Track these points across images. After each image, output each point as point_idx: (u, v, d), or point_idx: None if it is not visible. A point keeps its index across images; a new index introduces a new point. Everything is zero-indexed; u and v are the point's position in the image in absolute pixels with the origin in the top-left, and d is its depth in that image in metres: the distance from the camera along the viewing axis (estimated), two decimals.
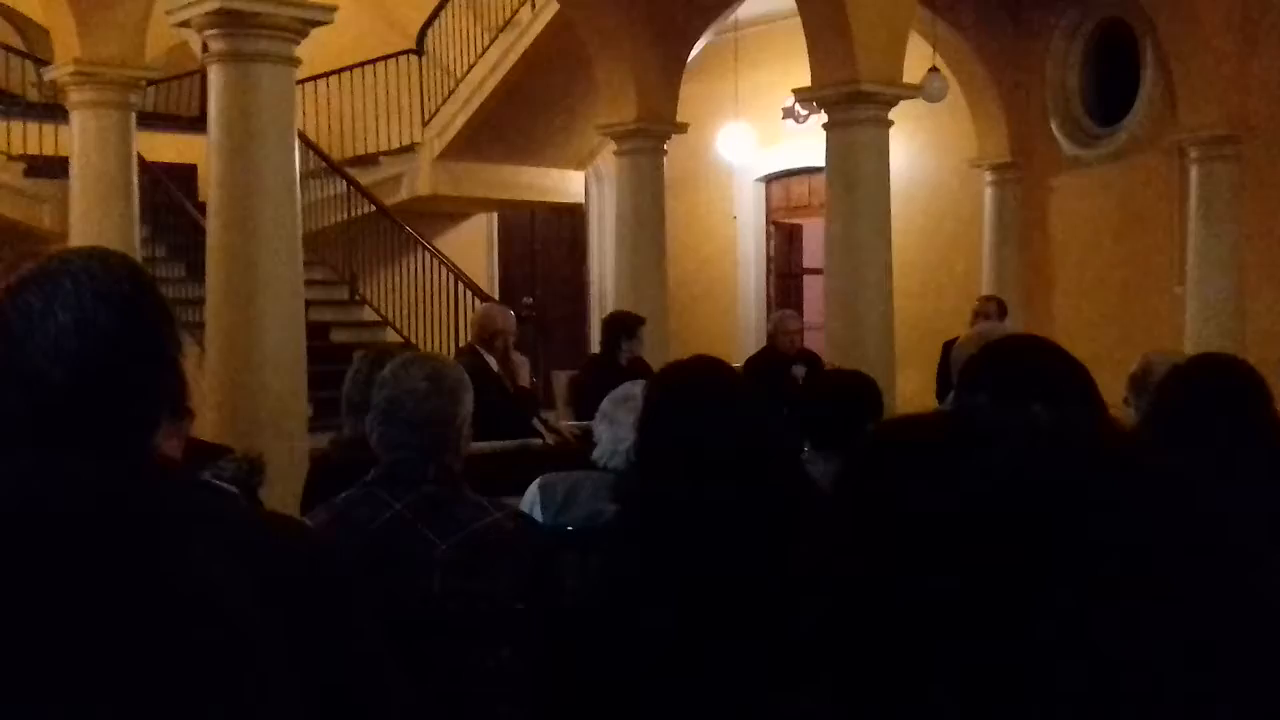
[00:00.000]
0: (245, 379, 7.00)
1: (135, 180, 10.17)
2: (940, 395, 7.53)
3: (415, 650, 2.41)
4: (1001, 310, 9.39)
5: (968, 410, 0.71)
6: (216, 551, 1.42)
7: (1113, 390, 2.62)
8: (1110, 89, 12.33)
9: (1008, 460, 0.67)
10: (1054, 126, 12.65)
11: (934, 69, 11.50)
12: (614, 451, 3.33)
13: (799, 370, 8.15)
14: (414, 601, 2.52)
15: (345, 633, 1.44)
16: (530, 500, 3.42)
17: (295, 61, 7.31)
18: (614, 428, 3.36)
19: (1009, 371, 1.81)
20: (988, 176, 13.02)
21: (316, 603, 1.42)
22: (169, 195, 11.70)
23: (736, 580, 2.33)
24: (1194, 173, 10.98)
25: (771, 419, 2.72)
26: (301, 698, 1.35)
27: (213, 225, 7.29)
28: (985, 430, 0.72)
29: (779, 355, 8.59)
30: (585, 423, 5.76)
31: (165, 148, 12.37)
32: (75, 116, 10.00)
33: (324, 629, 1.41)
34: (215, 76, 7.20)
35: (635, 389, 3.36)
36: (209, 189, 7.48)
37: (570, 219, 15.90)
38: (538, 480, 3.48)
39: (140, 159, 10.57)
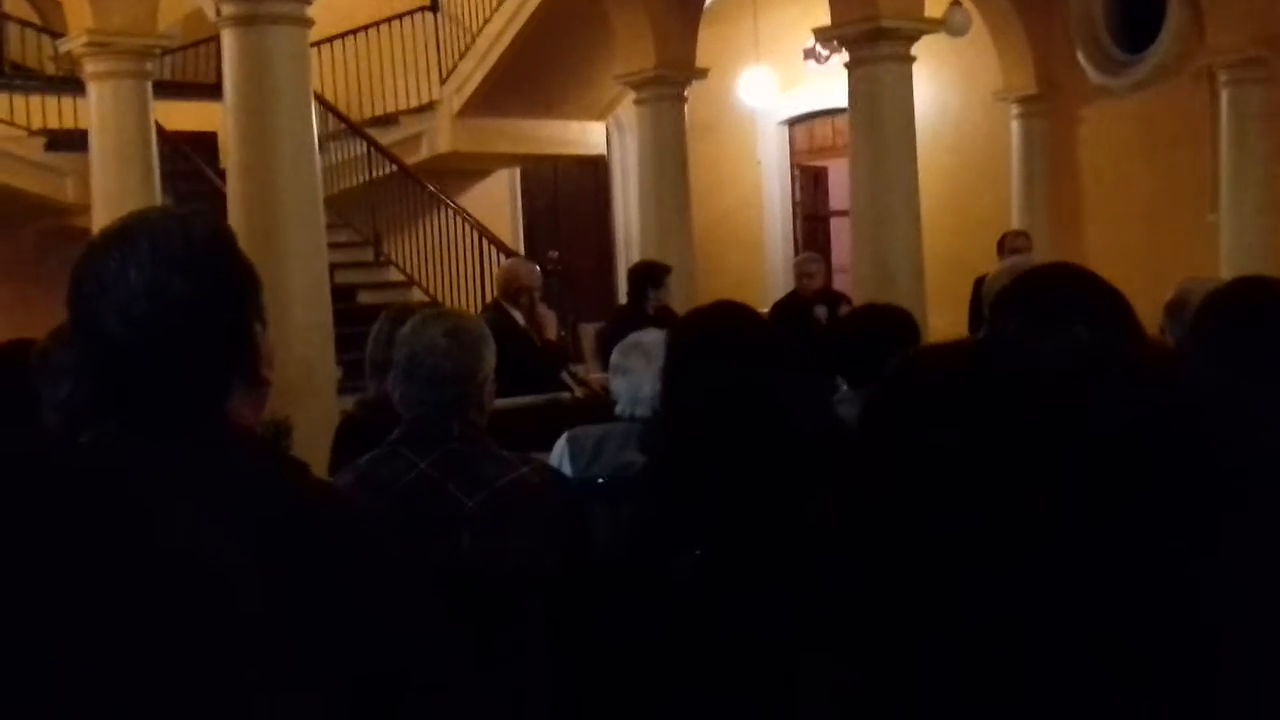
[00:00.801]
0: (273, 345, 6.97)
1: (155, 149, 10.16)
2: (973, 332, 7.46)
3: (446, 608, 2.38)
4: (1026, 244, 9.29)
5: (1000, 335, 0.65)
6: (238, 518, 1.39)
7: (1148, 321, 2.55)
8: (1136, 15, 12.10)
9: (1049, 385, 0.62)
10: (1080, 56, 12.42)
11: (956, 2, 11.32)
12: (634, 399, 3.29)
13: (821, 311, 8.13)
14: (442, 560, 2.49)
15: (389, 596, 1.43)
16: (559, 454, 3.38)
17: (308, 22, 7.25)
18: (628, 376, 3.33)
19: (1043, 298, 1.73)
20: (1014, 109, 12.83)
21: (355, 567, 1.41)
22: (190, 163, 11.68)
23: (764, 529, 2.29)
24: (1224, 96, 10.78)
25: (797, 361, 2.66)
26: (326, 664, 1.32)
27: (232, 191, 7.27)
28: (1022, 354, 0.66)
29: (802, 298, 8.58)
30: None
31: (185, 116, 12.34)
32: (92, 88, 9.98)
33: (365, 593, 1.39)
34: (228, 41, 7.15)
35: (642, 336, 3.37)
36: (228, 155, 7.46)
37: (593, 171, 15.81)
38: (565, 434, 3.44)
39: (160, 128, 10.54)
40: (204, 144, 12.33)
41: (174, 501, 1.23)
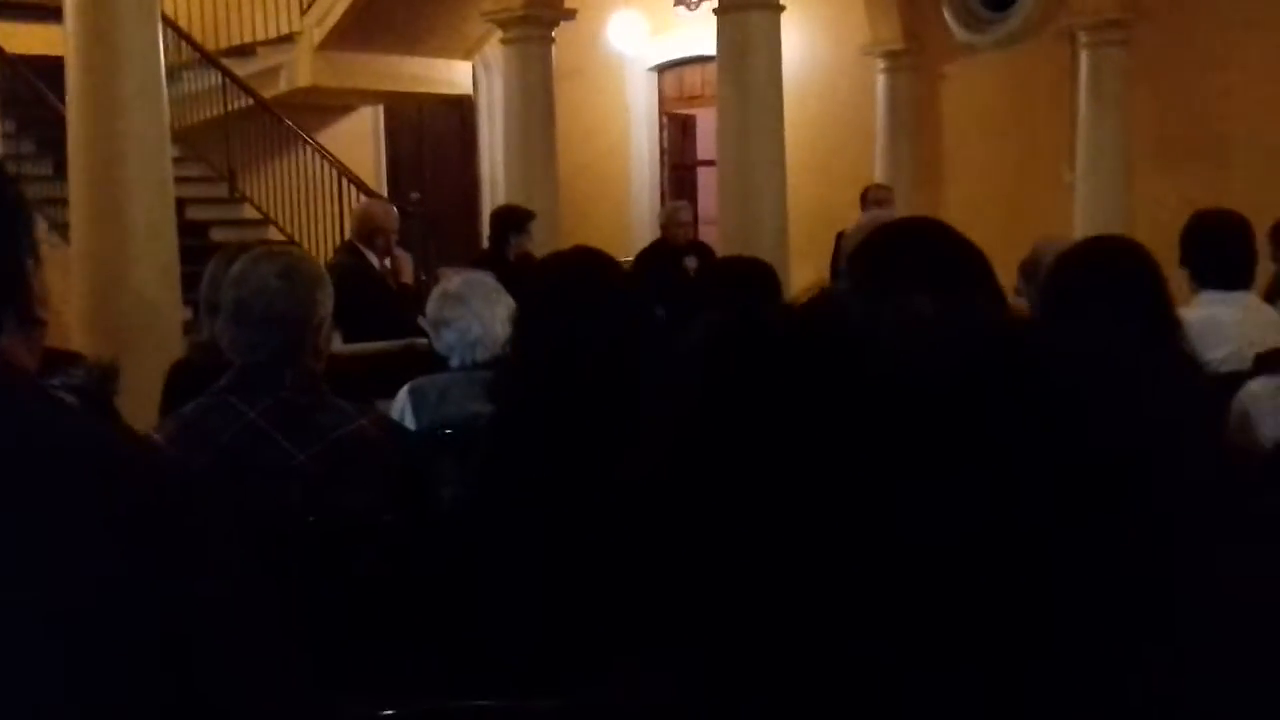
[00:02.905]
0: (113, 283, 6.68)
1: None
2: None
3: (276, 568, 2.26)
4: (888, 198, 9.35)
5: (834, 307, 0.58)
6: None
7: (1006, 281, 2.52)
8: None
9: (884, 362, 0.55)
10: (946, 12, 12.52)
11: None
12: (468, 345, 3.21)
13: (690, 262, 8.07)
14: (272, 516, 2.36)
15: (197, 560, 1.33)
16: (401, 406, 3.25)
17: None
18: (454, 326, 3.24)
19: (892, 261, 1.66)
20: (880, 64, 12.88)
21: (157, 529, 1.30)
22: (31, 89, 11.14)
23: (612, 483, 2.22)
24: (1084, 58, 10.96)
25: (652, 310, 2.59)
26: (97, 623, 1.23)
27: (73, 119, 6.92)
28: (859, 327, 0.59)
29: (670, 247, 8.52)
30: None
31: (31, 38, 11.72)
32: None
33: (170, 558, 1.29)
34: None
35: (446, 285, 3.34)
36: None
37: (459, 111, 15.49)
38: (407, 385, 3.31)
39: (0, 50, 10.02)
40: (49, 68, 11.75)
41: None
